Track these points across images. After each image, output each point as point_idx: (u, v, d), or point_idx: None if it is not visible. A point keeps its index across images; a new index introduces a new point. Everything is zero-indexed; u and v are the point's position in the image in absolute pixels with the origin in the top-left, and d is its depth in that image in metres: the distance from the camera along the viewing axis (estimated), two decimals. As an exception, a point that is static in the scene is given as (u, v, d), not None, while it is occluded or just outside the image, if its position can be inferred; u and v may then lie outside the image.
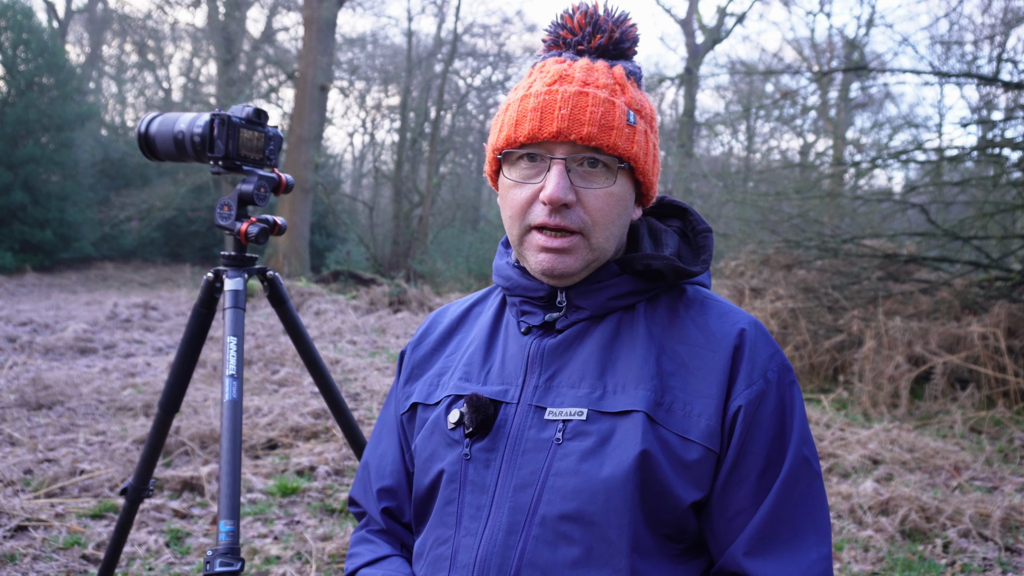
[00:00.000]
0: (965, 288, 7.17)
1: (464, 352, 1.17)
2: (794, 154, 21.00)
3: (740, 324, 1.04)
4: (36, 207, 17.07)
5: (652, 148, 1.08)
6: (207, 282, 1.80)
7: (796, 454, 0.99)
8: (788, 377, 1.03)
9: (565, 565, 0.95)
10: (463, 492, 1.04)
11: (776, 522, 0.97)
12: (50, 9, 24.23)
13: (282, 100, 22.71)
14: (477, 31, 25.44)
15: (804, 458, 1.00)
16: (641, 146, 1.05)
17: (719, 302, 1.09)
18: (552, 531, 0.96)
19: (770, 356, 1.03)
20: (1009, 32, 9.61)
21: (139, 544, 3.20)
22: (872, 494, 3.85)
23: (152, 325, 9.19)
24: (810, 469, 1.00)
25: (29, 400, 5.17)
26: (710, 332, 1.03)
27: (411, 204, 21.68)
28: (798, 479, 0.99)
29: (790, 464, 0.99)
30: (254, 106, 1.74)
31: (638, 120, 1.04)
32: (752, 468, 0.98)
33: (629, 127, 1.02)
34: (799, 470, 0.99)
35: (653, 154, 1.08)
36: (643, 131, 1.06)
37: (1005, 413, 5.57)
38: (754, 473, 0.98)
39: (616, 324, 1.05)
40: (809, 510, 0.98)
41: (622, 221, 1.07)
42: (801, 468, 0.99)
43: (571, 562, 0.95)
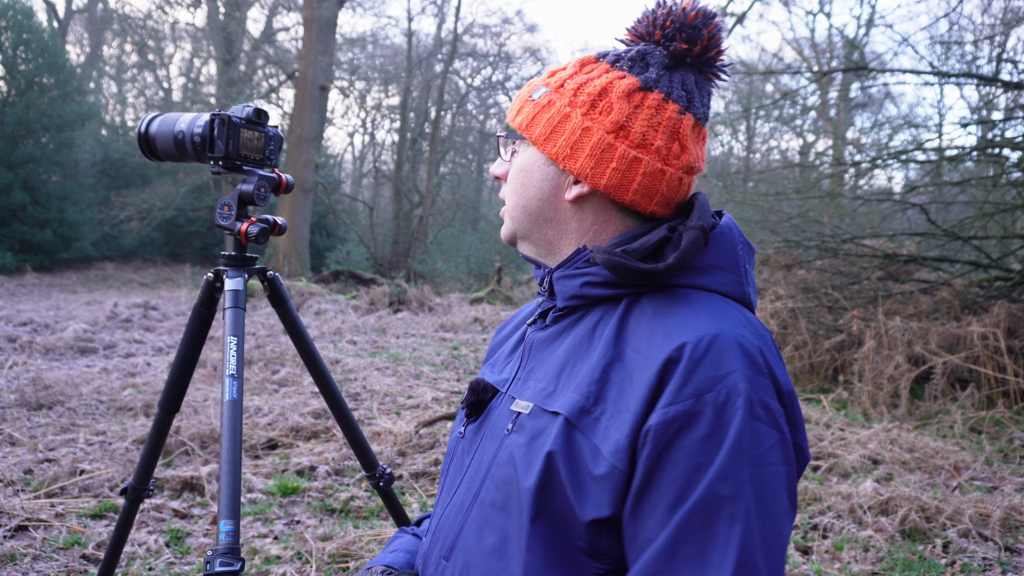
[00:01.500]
0: (965, 288, 7.17)
1: (502, 342, 1.25)
2: (794, 154, 21.03)
3: (685, 337, 0.91)
4: (36, 207, 17.08)
5: (560, 117, 1.02)
6: (207, 282, 1.80)
7: (707, 491, 0.84)
8: (737, 403, 0.86)
9: (483, 552, 0.97)
10: (449, 467, 1.13)
11: (660, 564, 0.86)
12: (50, 9, 24.24)
13: (282, 100, 22.74)
14: (477, 31, 25.47)
15: (717, 497, 0.84)
16: (532, 116, 1.05)
17: (692, 309, 0.95)
18: (483, 517, 0.99)
19: (719, 377, 0.88)
20: (1009, 32, 9.61)
21: (139, 544, 3.20)
22: (872, 494, 3.85)
23: (152, 325, 9.19)
24: (717, 513, 0.84)
25: (29, 400, 5.17)
26: (653, 341, 0.94)
27: (411, 204, 21.69)
28: (701, 521, 0.84)
29: (695, 501, 0.85)
30: (254, 106, 1.74)
31: (545, 94, 1.05)
32: (663, 497, 0.87)
33: (530, 102, 1.06)
34: (705, 510, 0.84)
35: (558, 126, 1.02)
36: (546, 104, 1.04)
37: (1005, 413, 5.57)
38: (663, 503, 0.87)
39: (596, 321, 1.02)
40: (700, 561, 0.84)
41: (530, 194, 1.07)
42: (708, 509, 0.84)
43: (489, 550, 0.97)
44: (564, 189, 1.05)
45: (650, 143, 1.00)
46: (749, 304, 1.03)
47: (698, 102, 1.04)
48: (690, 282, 0.99)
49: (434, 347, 8.53)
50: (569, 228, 1.06)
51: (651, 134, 1.00)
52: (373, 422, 5.01)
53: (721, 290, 0.99)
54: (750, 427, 0.87)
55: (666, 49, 1.02)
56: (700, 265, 0.99)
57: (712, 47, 1.03)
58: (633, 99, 1.00)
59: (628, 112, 1.00)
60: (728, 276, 1.00)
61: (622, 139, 1.00)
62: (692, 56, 1.02)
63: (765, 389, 0.90)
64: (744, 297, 1.02)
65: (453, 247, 17.11)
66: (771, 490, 0.86)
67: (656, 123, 1.00)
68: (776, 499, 0.87)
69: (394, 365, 7.23)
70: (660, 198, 1.02)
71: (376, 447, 4.45)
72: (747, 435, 0.86)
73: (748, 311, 1.02)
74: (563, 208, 1.06)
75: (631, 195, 1.01)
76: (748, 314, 1.00)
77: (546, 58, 27.56)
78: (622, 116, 0.99)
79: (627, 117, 1.00)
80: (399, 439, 4.57)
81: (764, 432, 0.88)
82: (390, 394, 5.94)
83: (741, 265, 1.02)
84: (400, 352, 8.05)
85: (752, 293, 1.04)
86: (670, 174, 1.01)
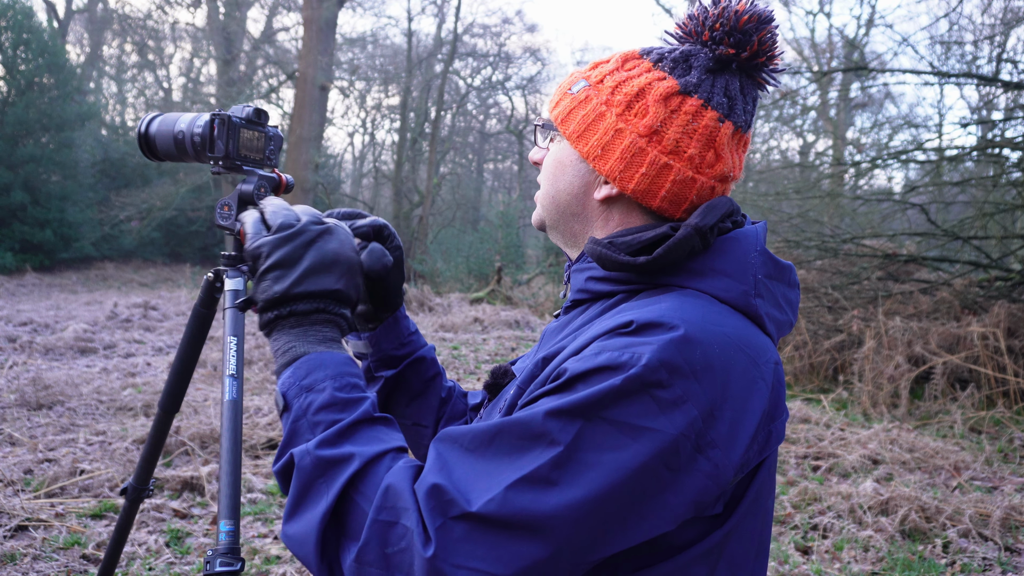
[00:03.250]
0: (965, 288, 7.17)
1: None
2: (794, 154, 21.02)
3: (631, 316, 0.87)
4: (36, 207, 17.08)
5: (594, 116, 1.00)
6: (207, 282, 1.79)
7: (541, 415, 0.80)
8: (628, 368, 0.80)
9: None
10: None
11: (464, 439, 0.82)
12: (50, 9, 24.25)
13: (282, 100, 22.74)
14: (477, 31, 25.47)
15: (542, 427, 0.79)
16: (568, 111, 1.04)
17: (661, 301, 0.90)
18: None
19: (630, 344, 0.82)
20: (1009, 32, 9.61)
21: (139, 544, 3.20)
22: (872, 494, 3.85)
23: (152, 325, 9.19)
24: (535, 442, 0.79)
25: (29, 400, 5.17)
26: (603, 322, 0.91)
27: (411, 204, 21.69)
28: (518, 432, 0.80)
29: (530, 414, 0.81)
30: (254, 106, 1.73)
31: (584, 89, 1.03)
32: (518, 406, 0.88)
33: (568, 95, 1.04)
34: (527, 427, 0.80)
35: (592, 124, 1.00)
36: (583, 99, 1.02)
37: (1005, 413, 5.57)
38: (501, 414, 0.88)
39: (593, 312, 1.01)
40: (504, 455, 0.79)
41: (560, 187, 1.06)
42: (529, 427, 0.80)
43: None
44: (594, 188, 1.03)
45: (683, 150, 0.96)
46: (756, 317, 0.94)
47: (740, 109, 0.99)
48: (685, 283, 0.94)
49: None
50: (595, 225, 1.05)
51: (685, 141, 0.96)
52: (373, 422, 5.01)
53: (720, 296, 0.93)
54: (627, 394, 0.79)
55: (712, 52, 0.98)
56: (698, 268, 0.94)
57: (763, 52, 0.99)
58: (670, 103, 0.97)
59: (663, 116, 0.96)
60: (730, 283, 0.93)
61: (654, 144, 0.97)
62: (739, 61, 0.98)
63: (684, 383, 0.81)
64: (749, 308, 0.93)
65: (453, 247, 17.11)
66: (603, 462, 0.78)
67: (691, 130, 0.96)
68: (600, 472, 0.77)
69: (394, 365, 7.23)
70: (689, 206, 0.99)
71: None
72: (615, 398, 0.79)
73: (753, 325, 0.93)
74: (591, 206, 1.04)
75: (659, 201, 0.98)
76: (744, 326, 0.91)
77: (546, 58, 27.59)
78: (656, 120, 0.96)
79: (662, 122, 0.96)
80: (399, 439, 4.57)
81: (639, 408, 0.79)
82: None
83: (749, 274, 0.94)
84: (400, 352, 8.05)
85: (764, 306, 0.94)
86: (701, 183, 0.97)
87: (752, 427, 0.86)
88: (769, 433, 0.91)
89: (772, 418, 0.92)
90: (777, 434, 0.94)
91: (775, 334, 0.98)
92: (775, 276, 0.98)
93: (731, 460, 0.83)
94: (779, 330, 0.99)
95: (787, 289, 1.01)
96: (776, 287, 0.98)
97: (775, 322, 0.97)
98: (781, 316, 0.99)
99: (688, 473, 0.81)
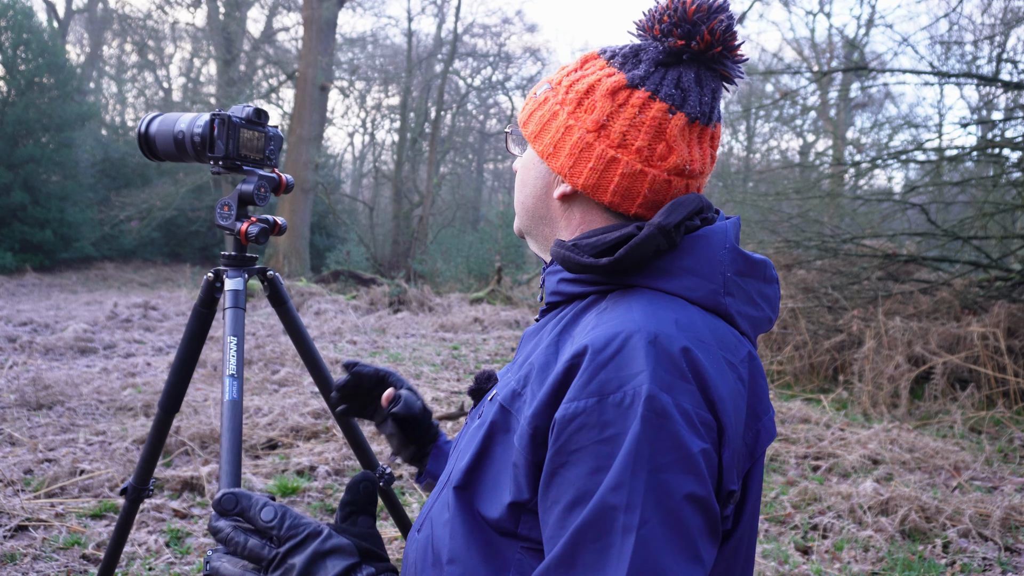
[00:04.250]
0: (965, 288, 7.17)
1: None
2: (794, 154, 21.03)
3: (599, 333, 0.87)
4: (36, 207, 17.08)
5: (549, 115, 1.02)
6: (207, 282, 1.80)
7: (601, 500, 0.80)
8: (638, 406, 0.81)
9: (439, 525, 0.99)
10: (453, 451, 1.15)
11: (559, 571, 0.82)
12: (50, 9, 24.25)
13: (282, 100, 22.74)
14: (477, 31, 25.49)
15: (610, 507, 0.79)
16: (529, 113, 1.05)
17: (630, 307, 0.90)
18: (447, 496, 1.00)
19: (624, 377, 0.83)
20: (1009, 32, 9.62)
21: (139, 544, 3.20)
22: (872, 494, 3.85)
23: (152, 325, 9.19)
24: (612, 524, 0.79)
25: (29, 400, 5.17)
26: (580, 334, 0.91)
27: (411, 204, 21.69)
28: (596, 531, 0.80)
29: (590, 509, 0.80)
30: (254, 106, 1.74)
31: (545, 92, 1.04)
32: (562, 496, 0.83)
33: (533, 100, 1.06)
34: (600, 520, 0.80)
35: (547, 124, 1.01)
36: (542, 101, 1.04)
37: (1005, 413, 5.57)
38: (562, 503, 0.83)
39: (564, 316, 1.01)
40: (596, 571, 0.79)
41: (527, 191, 1.08)
42: (602, 519, 0.79)
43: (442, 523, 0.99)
44: (554, 187, 1.04)
45: (630, 143, 0.96)
46: (727, 316, 0.94)
47: (695, 100, 0.97)
48: (652, 284, 0.94)
49: (434, 347, 8.53)
50: (559, 226, 1.06)
51: (632, 134, 0.96)
52: (373, 422, 5.01)
53: (687, 296, 0.93)
54: (653, 433, 0.80)
55: (662, 45, 0.98)
56: (665, 267, 0.94)
57: (717, 43, 0.97)
58: (617, 97, 0.97)
59: (610, 111, 0.97)
60: (697, 282, 0.93)
61: (602, 139, 0.97)
62: (690, 52, 0.97)
63: (685, 394, 0.82)
64: (719, 308, 0.94)
65: (453, 247, 17.12)
66: (675, 501, 0.79)
67: (639, 123, 0.96)
68: (681, 510, 0.79)
69: (394, 365, 7.23)
70: (644, 200, 0.98)
71: (376, 447, 4.45)
72: (647, 442, 0.80)
73: (725, 323, 0.94)
74: (554, 206, 1.05)
75: (610, 196, 0.98)
76: (714, 324, 0.91)
77: (546, 58, 27.57)
78: (603, 115, 0.97)
79: (608, 116, 0.97)
80: (399, 439, 4.57)
81: (670, 439, 0.80)
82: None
83: (718, 272, 0.94)
84: (400, 352, 8.05)
85: (734, 304, 0.95)
86: (653, 175, 0.97)
87: (740, 423, 0.88)
88: (757, 432, 0.92)
89: (758, 415, 0.93)
90: (766, 432, 0.94)
91: (750, 331, 0.98)
92: (746, 273, 0.98)
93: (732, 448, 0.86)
94: (755, 327, 0.99)
95: (763, 285, 1.00)
96: (749, 284, 0.98)
97: (748, 319, 0.97)
98: (756, 312, 0.99)
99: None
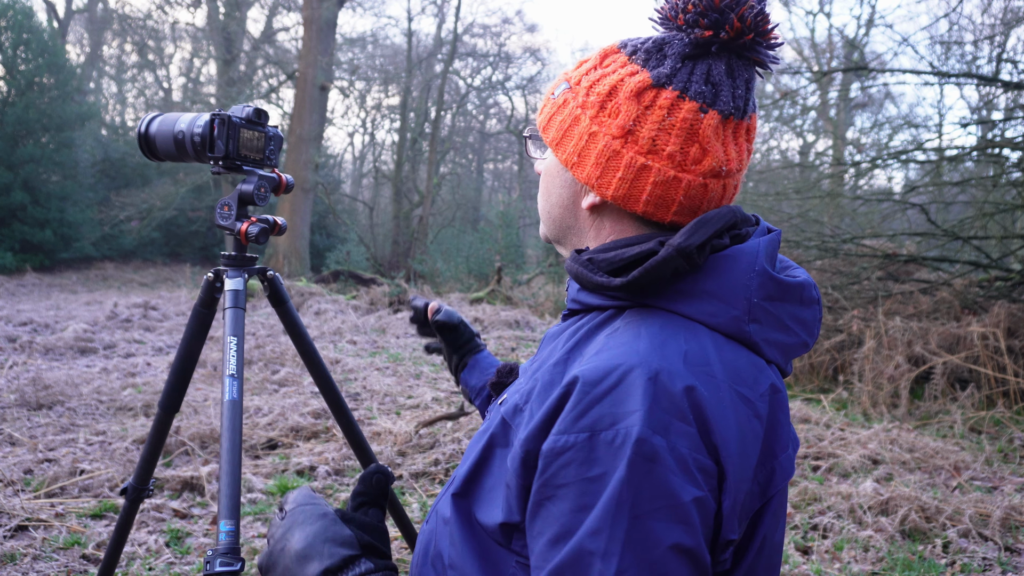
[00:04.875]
0: (965, 288, 7.17)
1: None
2: (794, 154, 21.02)
3: (598, 363, 0.82)
4: (36, 207, 17.08)
5: (571, 120, 0.94)
6: (207, 282, 1.80)
7: (579, 544, 0.77)
8: (626, 448, 0.76)
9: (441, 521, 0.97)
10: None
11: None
12: (50, 9, 24.24)
13: (282, 100, 22.74)
14: (477, 31, 25.49)
15: (587, 552, 0.76)
16: (549, 117, 0.98)
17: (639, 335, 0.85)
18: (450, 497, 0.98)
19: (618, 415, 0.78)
20: (1009, 32, 9.62)
21: (139, 544, 3.20)
22: (872, 494, 3.85)
23: (152, 325, 9.19)
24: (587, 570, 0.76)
25: (29, 400, 5.17)
26: (583, 358, 0.87)
27: (411, 204, 21.69)
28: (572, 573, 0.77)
29: (568, 551, 0.77)
30: (254, 106, 1.74)
31: (564, 92, 0.96)
32: (546, 529, 0.80)
33: (551, 101, 0.98)
34: (577, 564, 0.76)
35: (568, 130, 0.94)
36: (561, 104, 0.96)
37: (1005, 413, 5.57)
38: (546, 536, 0.80)
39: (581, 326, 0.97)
40: None
41: (552, 200, 1.01)
42: (579, 562, 0.76)
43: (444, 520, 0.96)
44: (582, 196, 0.97)
45: (661, 148, 0.88)
46: (750, 345, 0.88)
47: (728, 95, 0.89)
48: (670, 306, 0.88)
49: (434, 347, 8.53)
50: (588, 236, 0.99)
51: (663, 138, 0.88)
52: (373, 422, 5.01)
53: (706, 321, 0.86)
54: (640, 478, 0.76)
55: (688, 37, 0.90)
56: (687, 289, 0.87)
57: (749, 30, 0.88)
58: (642, 99, 0.89)
59: (636, 114, 0.89)
60: (719, 307, 0.86)
61: (630, 145, 0.89)
62: (720, 43, 0.89)
63: (683, 437, 0.77)
64: (741, 336, 0.87)
65: (453, 247, 17.11)
66: (659, 551, 0.75)
67: (668, 125, 0.88)
68: (666, 562, 0.75)
69: (394, 365, 7.23)
70: (679, 207, 0.91)
71: (376, 447, 4.45)
72: (632, 487, 0.75)
73: (750, 353, 0.88)
74: (582, 216, 0.98)
75: (643, 206, 0.91)
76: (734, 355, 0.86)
77: (546, 58, 27.57)
78: (629, 119, 0.89)
79: (635, 120, 0.89)
80: (399, 439, 4.57)
81: (658, 486, 0.76)
82: (390, 394, 5.94)
83: (742, 297, 0.87)
84: (400, 352, 8.05)
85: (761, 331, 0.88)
86: (688, 181, 0.89)
87: (749, 466, 0.82)
88: (772, 471, 0.86)
89: (774, 453, 0.87)
90: (782, 470, 0.88)
91: (780, 359, 0.91)
92: (778, 297, 0.90)
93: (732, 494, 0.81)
94: (786, 353, 0.92)
95: (798, 308, 0.92)
96: (780, 308, 0.90)
97: (778, 346, 0.90)
98: (788, 339, 0.91)
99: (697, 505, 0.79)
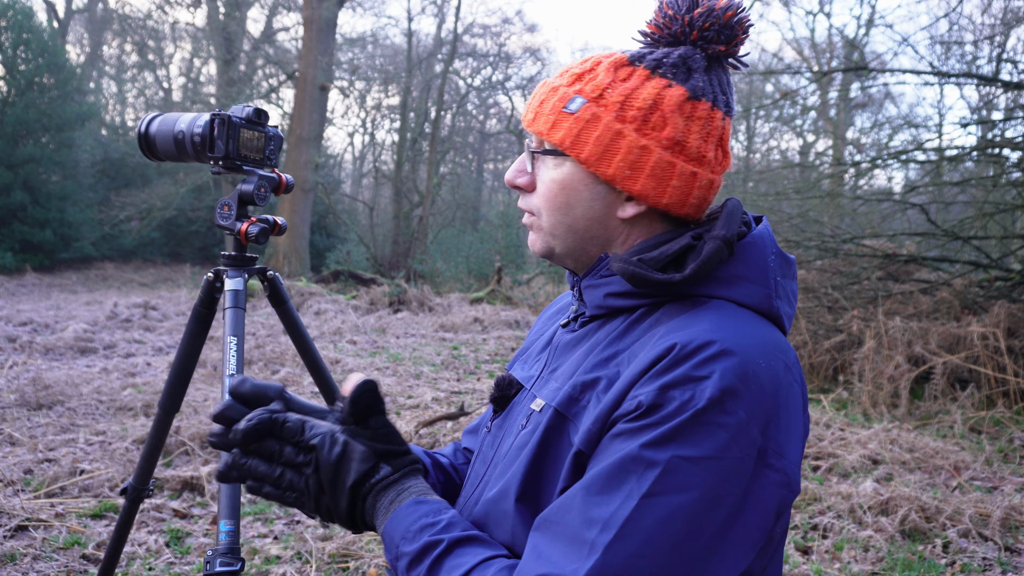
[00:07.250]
0: (965, 288, 7.17)
1: (536, 336, 1.24)
2: (794, 154, 21.03)
3: (677, 338, 0.87)
4: (36, 207, 17.08)
5: (611, 135, 0.96)
6: (207, 282, 1.80)
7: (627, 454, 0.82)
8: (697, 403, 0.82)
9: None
10: (475, 461, 1.14)
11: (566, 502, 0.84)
12: (50, 9, 24.25)
13: (282, 100, 22.73)
14: (477, 31, 25.49)
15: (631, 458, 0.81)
16: (576, 133, 0.98)
17: (705, 316, 0.91)
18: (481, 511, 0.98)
19: (694, 377, 0.83)
20: (1009, 32, 9.62)
21: (139, 544, 3.20)
22: (872, 494, 3.85)
23: (152, 325, 9.19)
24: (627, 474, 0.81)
25: (29, 400, 5.17)
26: (652, 341, 0.91)
27: (411, 204, 21.69)
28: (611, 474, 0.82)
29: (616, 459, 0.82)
30: (254, 106, 1.74)
31: (586, 107, 0.98)
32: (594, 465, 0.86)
33: (565, 113, 0.99)
34: (620, 468, 0.82)
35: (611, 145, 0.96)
36: (590, 119, 0.97)
37: (1005, 413, 5.57)
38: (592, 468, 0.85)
39: (616, 326, 1.00)
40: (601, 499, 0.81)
41: (576, 213, 1.01)
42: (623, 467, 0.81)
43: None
44: (617, 207, 1.01)
45: (704, 156, 0.98)
46: (778, 319, 0.97)
47: (732, 100, 1.01)
48: (712, 292, 0.95)
49: (434, 347, 8.53)
50: (616, 243, 1.03)
51: (704, 147, 0.98)
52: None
53: (746, 302, 0.95)
54: (696, 429, 0.81)
55: (704, 51, 0.98)
56: (724, 276, 0.95)
57: (742, 43, 1.00)
58: (684, 110, 0.96)
59: (684, 126, 0.96)
60: (754, 288, 0.96)
61: (680, 155, 0.97)
62: (723, 54, 0.99)
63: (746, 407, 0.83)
64: (772, 311, 0.96)
65: (453, 247, 17.11)
66: (686, 496, 0.79)
67: (707, 134, 0.97)
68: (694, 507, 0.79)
69: (394, 365, 7.23)
70: (705, 205, 1.02)
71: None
72: (688, 435, 0.81)
73: (775, 327, 0.96)
74: (613, 225, 1.02)
75: (687, 209, 1.00)
76: (771, 332, 0.93)
77: (546, 58, 27.57)
78: (678, 131, 0.96)
79: (683, 132, 0.96)
80: (399, 439, 4.57)
81: (711, 441, 0.81)
82: (390, 394, 5.94)
83: (770, 277, 0.97)
84: (400, 352, 8.05)
85: (783, 307, 0.98)
86: (718, 182, 1.00)
87: (800, 428, 0.90)
88: (805, 426, 0.94)
89: (805, 409, 0.95)
90: (805, 429, 0.97)
91: (788, 330, 1.00)
92: (786, 274, 1.00)
93: (794, 463, 0.87)
94: (789, 325, 1.02)
95: (792, 283, 1.03)
96: (787, 284, 1.00)
97: (788, 319, 1.00)
98: (791, 311, 1.02)
99: (762, 487, 0.83)
